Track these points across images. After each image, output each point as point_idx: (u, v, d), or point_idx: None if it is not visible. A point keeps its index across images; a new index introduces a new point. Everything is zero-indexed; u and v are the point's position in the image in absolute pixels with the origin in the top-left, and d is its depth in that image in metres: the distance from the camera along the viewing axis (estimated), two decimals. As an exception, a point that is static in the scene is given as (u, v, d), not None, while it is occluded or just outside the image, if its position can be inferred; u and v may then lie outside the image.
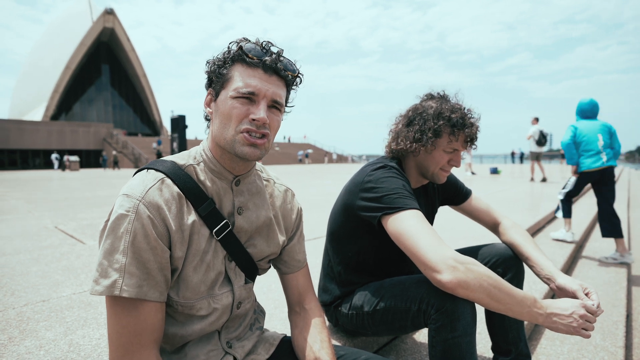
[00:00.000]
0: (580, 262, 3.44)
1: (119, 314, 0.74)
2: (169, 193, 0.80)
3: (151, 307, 0.75)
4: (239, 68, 0.81)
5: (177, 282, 0.82)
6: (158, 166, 0.83)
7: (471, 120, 1.31)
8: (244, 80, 0.80)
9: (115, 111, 58.80)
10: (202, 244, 0.83)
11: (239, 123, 0.80)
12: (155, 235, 0.75)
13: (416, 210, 1.12)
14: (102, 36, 53.80)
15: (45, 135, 37.31)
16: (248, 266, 0.93)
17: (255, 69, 0.80)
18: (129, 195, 0.76)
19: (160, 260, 0.76)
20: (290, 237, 1.05)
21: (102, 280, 0.72)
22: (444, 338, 1.03)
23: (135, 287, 0.73)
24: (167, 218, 0.78)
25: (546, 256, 1.29)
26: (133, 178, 0.81)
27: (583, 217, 4.99)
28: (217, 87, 0.83)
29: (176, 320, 0.86)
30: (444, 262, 0.98)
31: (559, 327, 1.00)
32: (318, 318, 1.02)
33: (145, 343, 0.75)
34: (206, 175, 0.86)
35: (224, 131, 0.82)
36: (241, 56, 0.80)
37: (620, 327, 2.14)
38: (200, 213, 0.83)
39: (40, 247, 3.05)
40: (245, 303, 0.95)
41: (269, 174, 1.04)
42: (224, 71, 0.82)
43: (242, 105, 0.80)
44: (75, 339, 1.45)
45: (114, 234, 0.74)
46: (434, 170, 1.33)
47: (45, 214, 4.90)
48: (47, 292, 1.98)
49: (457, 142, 1.30)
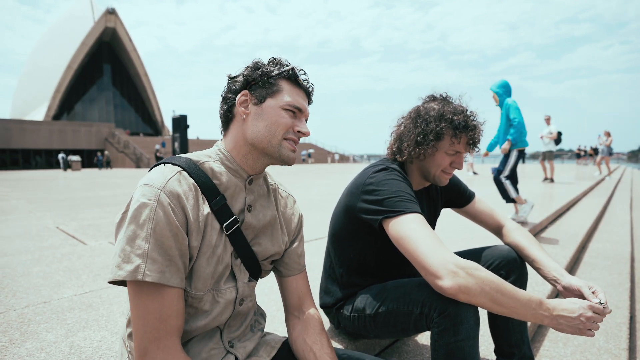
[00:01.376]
0: (583, 263, 3.42)
1: (144, 300, 0.75)
2: (187, 184, 0.84)
3: (174, 293, 0.78)
4: (286, 84, 0.92)
5: (190, 272, 0.84)
6: (174, 161, 0.88)
7: (474, 122, 1.29)
8: (293, 96, 0.92)
9: (116, 111, 58.87)
10: (214, 237, 0.87)
11: (286, 131, 0.91)
12: (177, 223, 0.78)
13: (418, 214, 1.12)
14: (104, 36, 53.86)
15: (47, 135, 37.40)
16: (252, 264, 0.96)
17: (300, 90, 0.94)
18: (150, 185, 0.80)
19: (180, 247, 0.79)
20: (292, 240, 1.08)
21: (125, 265, 0.74)
22: (446, 342, 1.02)
23: (158, 272, 0.75)
24: (186, 207, 0.81)
25: (551, 257, 1.28)
26: (151, 172, 0.85)
27: (585, 217, 4.98)
28: (263, 93, 0.91)
29: None
30: (445, 267, 0.97)
31: (564, 329, 1.00)
32: (317, 321, 1.03)
33: (170, 330, 0.77)
34: (222, 172, 0.91)
35: (269, 135, 0.90)
36: (294, 76, 0.93)
37: (624, 329, 2.12)
38: (213, 207, 0.87)
39: (41, 247, 3.05)
40: (247, 301, 0.97)
41: (273, 180, 1.09)
42: (271, 81, 0.91)
43: (290, 118, 0.91)
44: (77, 341, 1.45)
45: (136, 222, 0.76)
46: (436, 172, 1.32)
47: (46, 214, 4.90)
48: (48, 294, 1.98)
49: (460, 145, 1.29)
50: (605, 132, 13.24)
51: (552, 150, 9.86)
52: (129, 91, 59.44)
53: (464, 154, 1.33)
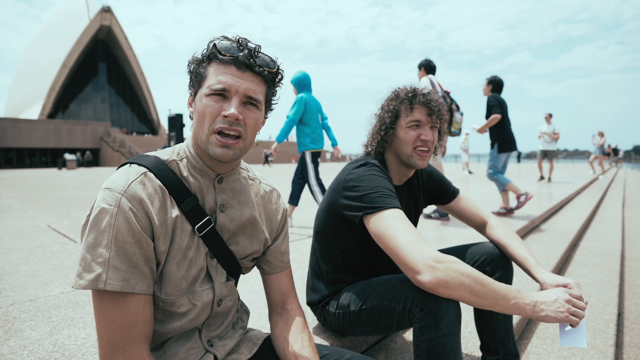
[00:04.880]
0: (574, 261, 3.44)
1: (107, 308, 0.73)
2: (152, 187, 0.79)
3: (139, 300, 0.75)
4: (214, 66, 0.81)
5: (159, 277, 0.81)
6: (141, 160, 0.83)
7: (424, 93, 1.32)
8: (216, 77, 0.80)
9: (112, 109, 58.67)
10: (184, 240, 0.83)
11: (213, 121, 0.80)
12: (140, 228, 0.75)
13: (397, 209, 1.12)
14: (99, 34, 53.62)
15: (42, 134, 37.18)
16: (230, 264, 0.93)
17: (228, 66, 0.80)
18: (111, 188, 0.75)
19: (145, 253, 0.76)
20: (275, 237, 1.05)
21: (86, 275, 0.72)
22: (428, 337, 1.02)
23: (121, 280, 0.72)
24: (150, 212, 0.77)
25: (532, 254, 1.29)
26: (115, 172, 0.81)
27: (577, 216, 5.00)
28: (196, 86, 0.84)
29: (155, 317, 0.85)
30: (423, 261, 0.97)
31: (548, 316, 0.99)
32: (299, 318, 1.02)
33: (135, 338, 0.74)
34: (189, 172, 0.86)
35: (199, 131, 0.82)
36: (215, 54, 0.80)
37: (612, 325, 2.13)
38: (183, 208, 0.83)
39: (31, 246, 3.03)
40: (226, 301, 0.95)
41: (254, 174, 1.03)
42: (201, 70, 0.82)
43: (216, 103, 0.79)
44: (61, 338, 1.44)
45: (97, 228, 0.73)
46: (408, 151, 1.31)
47: (38, 213, 4.87)
48: (35, 292, 1.96)
49: (415, 113, 1.30)
50: (599, 132, 13.34)
51: (554, 149, 9.83)
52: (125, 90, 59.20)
53: (428, 125, 1.31)
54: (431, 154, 1.34)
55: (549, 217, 4.88)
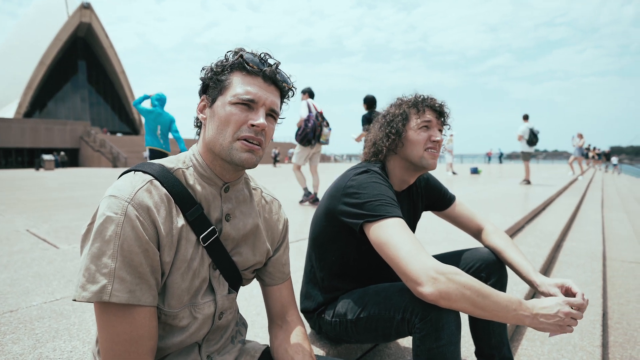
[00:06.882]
0: (559, 262, 3.52)
1: (112, 322, 0.70)
2: (158, 195, 0.77)
3: (145, 312, 0.72)
4: (238, 75, 0.82)
5: (163, 289, 0.79)
6: (146, 168, 0.81)
7: (429, 96, 1.36)
8: (244, 87, 0.81)
9: (92, 109, 57.15)
10: (189, 250, 0.81)
11: (238, 129, 0.81)
12: (147, 238, 0.72)
13: (398, 218, 1.11)
14: (79, 31, 52.13)
15: (18, 133, 35.97)
16: (232, 275, 0.91)
17: (255, 77, 0.82)
18: (117, 196, 0.73)
19: (152, 263, 0.73)
20: (276, 248, 1.04)
21: (90, 286, 0.68)
22: (428, 347, 1.01)
23: (127, 292, 0.69)
24: (157, 221, 0.75)
25: (527, 260, 1.30)
26: (119, 180, 0.78)
27: (559, 217, 5.12)
28: (214, 93, 0.83)
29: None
30: (425, 273, 0.97)
31: (545, 327, 1.00)
32: (300, 328, 1.01)
33: (142, 352, 0.72)
34: (195, 180, 0.85)
35: (220, 137, 0.81)
36: (242, 64, 0.82)
37: (597, 326, 2.18)
38: (188, 218, 0.81)
39: (9, 252, 2.91)
40: (227, 314, 0.93)
41: (256, 183, 1.03)
42: (222, 77, 0.82)
43: (241, 112, 0.81)
44: (45, 352, 1.38)
45: (102, 238, 0.70)
46: (419, 152, 1.31)
47: (16, 217, 4.69)
48: (15, 302, 1.88)
49: (426, 114, 1.32)
50: (578, 134, 13.73)
51: (526, 151, 9.97)
52: (105, 89, 57.79)
53: (437, 127, 1.34)
54: (439, 154, 1.36)
55: (533, 218, 4.98)
